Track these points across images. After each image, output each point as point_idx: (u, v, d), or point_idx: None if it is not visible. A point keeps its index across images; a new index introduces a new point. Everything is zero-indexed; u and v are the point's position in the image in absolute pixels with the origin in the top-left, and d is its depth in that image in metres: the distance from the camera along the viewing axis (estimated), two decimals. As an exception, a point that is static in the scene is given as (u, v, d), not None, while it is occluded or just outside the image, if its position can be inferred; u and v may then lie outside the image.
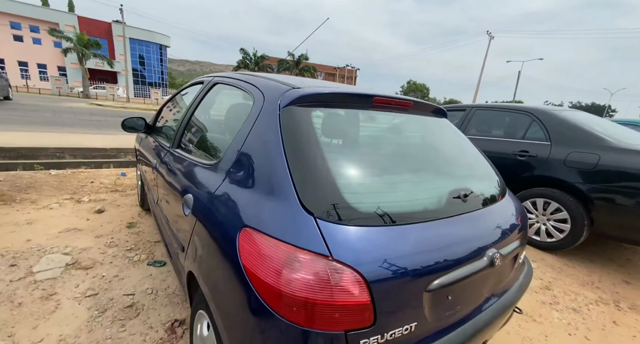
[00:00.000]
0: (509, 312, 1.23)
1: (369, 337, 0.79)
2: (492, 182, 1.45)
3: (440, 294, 0.93)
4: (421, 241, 0.92)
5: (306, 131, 1.00)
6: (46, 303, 1.71)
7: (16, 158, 4.29)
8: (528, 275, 1.43)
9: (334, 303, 0.75)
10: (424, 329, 0.91)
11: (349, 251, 0.79)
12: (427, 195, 1.14)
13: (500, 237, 1.15)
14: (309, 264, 0.76)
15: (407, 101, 1.37)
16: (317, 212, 0.83)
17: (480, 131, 3.82)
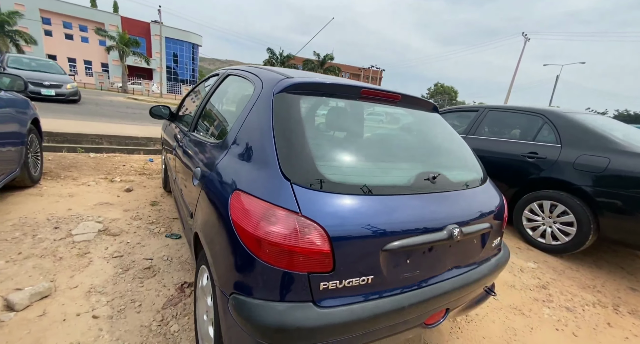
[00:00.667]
0: (473, 288, 1.34)
1: (328, 280, 0.95)
2: (469, 171, 1.56)
3: (398, 256, 1.08)
4: (381, 209, 1.07)
5: (293, 113, 1.18)
6: (81, 259, 2.01)
7: (62, 142, 4.83)
8: (501, 260, 1.52)
9: (299, 249, 0.92)
10: (381, 283, 1.05)
11: (315, 210, 0.96)
12: (396, 174, 1.28)
13: (464, 217, 1.26)
14: (282, 218, 0.94)
15: (395, 94, 1.51)
16: (293, 179, 1.00)
17: (491, 131, 3.81)
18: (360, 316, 0.99)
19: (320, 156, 1.12)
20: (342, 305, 0.98)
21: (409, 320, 1.14)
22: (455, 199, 1.31)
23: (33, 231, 2.24)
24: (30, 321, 1.47)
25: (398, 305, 1.07)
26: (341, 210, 1.00)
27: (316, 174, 1.04)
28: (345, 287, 0.99)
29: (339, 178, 1.07)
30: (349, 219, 0.99)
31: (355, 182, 1.09)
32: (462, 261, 1.31)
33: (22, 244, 2.06)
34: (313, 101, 1.31)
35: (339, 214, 0.98)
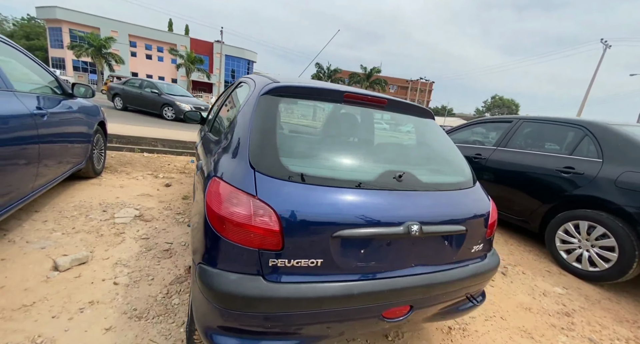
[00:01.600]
0: (443, 290, 1.32)
1: (277, 258, 1.06)
2: (450, 174, 1.56)
3: (351, 245, 1.14)
4: (334, 199, 1.14)
5: (269, 112, 1.33)
6: (117, 237, 2.38)
7: (125, 143, 5.65)
8: (483, 267, 1.46)
9: (252, 227, 1.05)
10: (331, 268, 1.12)
11: (270, 194, 1.08)
12: (360, 170, 1.35)
13: (429, 216, 1.27)
14: (241, 200, 1.08)
15: (381, 99, 1.58)
16: (257, 168, 1.15)
17: (525, 144, 3.55)
18: (305, 294, 1.07)
19: (285, 149, 1.25)
20: (289, 282, 1.07)
21: (363, 309, 1.18)
22: (422, 199, 1.33)
23: (87, 212, 2.71)
24: (68, 280, 1.81)
25: (346, 291, 1.12)
26: (294, 196, 1.11)
27: (277, 164, 1.17)
28: (294, 266, 1.08)
29: (299, 169, 1.18)
30: (301, 204, 1.09)
31: (314, 174, 1.19)
32: (428, 261, 1.31)
33: (77, 222, 2.51)
34: (294, 102, 1.46)
35: (291, 200, 1.09)
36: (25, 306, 1.54)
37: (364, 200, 1.19)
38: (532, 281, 2.62)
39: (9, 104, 1.90)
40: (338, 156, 1.42)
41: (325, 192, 1.15)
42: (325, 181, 1.18)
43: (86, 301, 1.64)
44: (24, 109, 2.00)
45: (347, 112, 1.71)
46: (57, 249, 2.09)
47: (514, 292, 2.42)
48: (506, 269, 2.78)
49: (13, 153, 1.88)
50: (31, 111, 2.08)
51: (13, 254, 1.96)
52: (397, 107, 1.71)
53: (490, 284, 2.49)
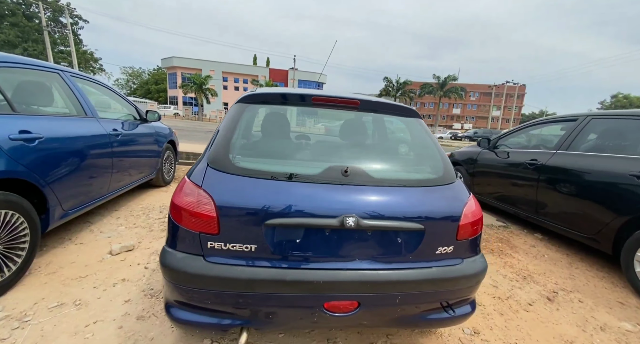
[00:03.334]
0: (397, 289, 1.25)
1: (215, 241, 1.21)
2: (416, 172, 1.47)
3: (284, 233, 1.22)
4: (269, 190, 1.24)
5: (234, 117, 1.52)
6: (162, 232, 2.89)
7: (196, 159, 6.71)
8: (453, 272, 1.32)
9: (194, 213, 1.23)
10: (266, 254, 1.21)
11: (212, 185, 1.25)
12: (304, 165, 1.41)
13: (372, 211, 1.24)
14: (189, 190, 1.27)
15: (353, 100, 1.62)
16: (210, 164, 1.34)
17: (594, 145, 2.91)
18: (237, 275, 1.19)
19: (238, 147, 1.42)
20: (224, 263, 1.21)
21: (299, 297, 1.22)
22: (368, 194, 1.31)
23: (149, 212, 3.36)
24: (115, 261, 2.30)
25: (279, 277, 1.19)
26: (233, 187, 1.25)
27: (226, 160, 1.34)
28: (230, 250, 1.22)
29: (245, 164, 1.33)
30: (237, 194, 1.23)
31: (256, 168, 1.32)
32: (375, 256, 1.27)
33: (139, 219, 3.15)
34: (261, 108, 1.62)
35: (229, 190, 1.24)
36: (80, 277, 2.04)
37: (298, 192, 1.26)
38: (590, 312, 2.09)
39: (93, 127, 2.59)
40: (285, 153, 1.52)
41: (261, 184, 1.27)
42: (265, 174, 1.30)
43: (120, 279, 2.07)
44: (102, 130, 2.70)
45: (313, 114, 1.80)
46: (117, 238, 2.67)
47: (556, 321, 1.99)
48: (555, 295, 2.29)
49: (93, 164, 2.54)
50: (108, 131, 2.77)
51: (89, 239, 2.60)
52: (373, 108, 1.72)
53: (525, 309, 2.10)
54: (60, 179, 2.14)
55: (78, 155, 2.36)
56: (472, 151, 4.59)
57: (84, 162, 2.43)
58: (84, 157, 2.42)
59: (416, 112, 1.73)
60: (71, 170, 2.28)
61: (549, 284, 2.44)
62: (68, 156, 2.26)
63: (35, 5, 32.39)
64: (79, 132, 2.43)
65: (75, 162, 2.33)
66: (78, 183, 2.38)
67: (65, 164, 2.23)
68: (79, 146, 2.38)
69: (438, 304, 1.37)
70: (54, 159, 2.11)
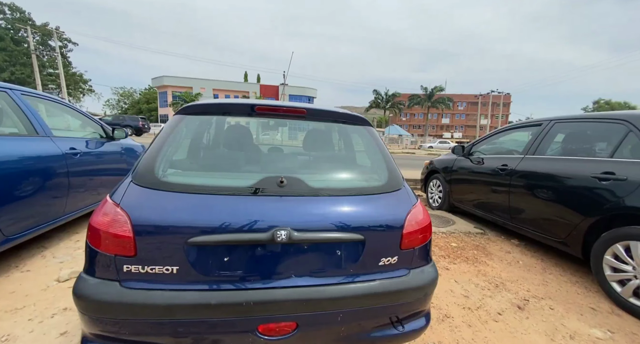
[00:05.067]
0: (337, 306, 1.17)
1: (131, 264, 1.11)
2: (358, 180, 1.43)
3: (210, 252, 1.13)
4: (192, 206, 1.16)
5: (166, 129, 1.46)
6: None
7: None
8: (400, 284, 1.25)
9: (109, 234, 1.12)
10: (189, 276, 1.11)
11: (130, 202, 1.16)
12: (234, 178, 1.34)
13: (307, 223, 1.17)
14: (108, 209, 1.18)
15: (300, 109, 1.58)
16: (134, 179, 1.26)
17: (559, 149, 2.92)
18: (156, 301, 1.08)
19: (165, 161, 1.33)
20: (142, 289, 1.11)
21: (229, 322, 1.12)
22: (304, 205, 1.24)
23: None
24: (61, 289, 2.14)
25: (202, 300, 1.09)
26: (151, 203, 1.17)
27: (150, 175, 1.25)
28: (149, 273, 1.12)
29: (168, 179, 1.25)
30: (155, 211, 1.14)
31: (179, 181, 1.24)
32: (313, 272, 1.19)
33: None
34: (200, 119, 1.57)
35: (147, 207, 1.15)
36: (16, 309, 1.88)
37: (225, 206, 1.18)
38: (560, 320, 2.01)
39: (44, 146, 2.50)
40: (217, 165, 1.46)
41: (183, 198, 1.19)
42: (191, 188, 1.22)
43: (62, 308, 1.92)
44: (57, 150, 2.60)
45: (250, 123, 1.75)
46: (70, 263, 2.52)
47: (525, 330, 1.90)
48: (526, 303, 2.20)
49: (43, 185, 2.42)
50: (63, 151, 2.67)
51: (39, 266, 2.44)
52: (321, 117, 1.68)
53: (494, 319, 2.01)
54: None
55: (24, 176, 2.25)
56: (449, 159, 4.58)
57: (32, 183, 2.32)
58: (31, 178, 2.31)
59: (365, 119, 1.69)
60: (14, 192, 2.17)
61: (520, 292, 2.36)
62: (10, 177, 2.15)
63: (23, 30, 32.59)
64: (26, 152, 2.33)
65: (19, 183, 2.21)
66: (24, 206, 2.26)
67: (7, 186, 2.11)
68: (25, 167, 2.27)
69: (386, 319, 1.28)
70: (-7, 182, 2.00)
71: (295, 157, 1.65)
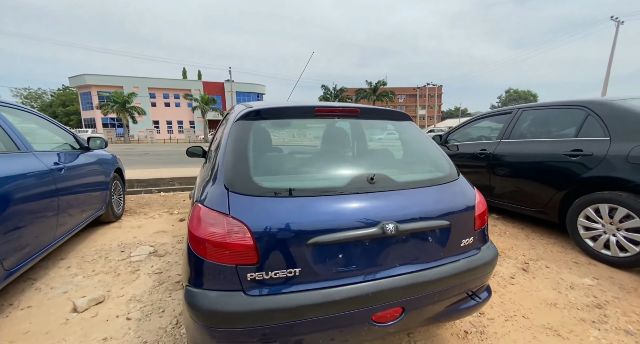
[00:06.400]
0: (435, 287, 1.29)
1: (254, 272, 1.10)
2: (427, 171, 1.56)
3: (327, 251, 1.16)
4: (305, 208, 1.19)
5: (241, 136, 1.43)
6: (132, 275, 2.51)
7: (145, 186, 6.02)
8: (477, 261, 1.42)
9: (227, 244, 1.11)
10: (310, 276, 1.14)
11: (242, 211, 1.15)
12: (331, 178, 1.39)
13: (405, 214, 1.28)
14: (216, 219, 1.15)
15: (353, 109, 1.65)
16: (231, 188, 1.23)
17: (529, 132, 3.43)
18: (286, 305, 1.09)
19: (258, 168, 1.33)
20: (268, 294, 1.11)
21: (349, 315, 1.18)
22: (397, 198, 1.34)
23: (106, 254, 2.89)
24: (85, 319, 1.92)
25: (328, 298, 1.13)
26: (266, 210, 1.16)
27: (249, 182, 1.24)
28: (272, 278, 1.12)
29: (270, 185, 1.25)
30: (272, 217, 1.15)
31: (284, 186, 1.25)
32: (413, 259, 1.30)
33: (97, 264, 2.68)
34: (266, 124, 1.55)
35: (263, 214, 1.15)
36: (46, 348, 1.65)
37: (334, 205, 1.23)
38: (557, 275, 2.44)
39: (29, 163, 2.14)
40: (308, 168, 1.48)
41: (295, 203, 1.21)
42: (295, 192, 1.24)
43: (100, 339, 1.73)
44: (42, 166, 2.25)
45: (319, 125, 1.78)
46: (77, 291, 2.23)
47: (536, 288, 2.26)
48: (527, 265, 2.61)
49: (34, 207, 2.09)
50: (49, 167, 2.32)
51: (38, 300, 2.12)
52: (371, 114, 1.77)
53: (510, 282, 2.35)
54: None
55: (13, 199, 1.92)
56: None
57: (23, 206, 1.99)
58: (21, 200, 1.98)
59: (407, 115, 1.83)
60: (9, 218, 1.85)
61: (519, 257, 2.78)
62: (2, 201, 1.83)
63: None
64: (12, 171, 1.98)
65: (11, 207, 1.89)
66: (19, 232, 1.94)
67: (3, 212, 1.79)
68: (13, 188, 1.94)
69: (464, 294, 1.46)
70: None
71: (366, 154, 1.71)
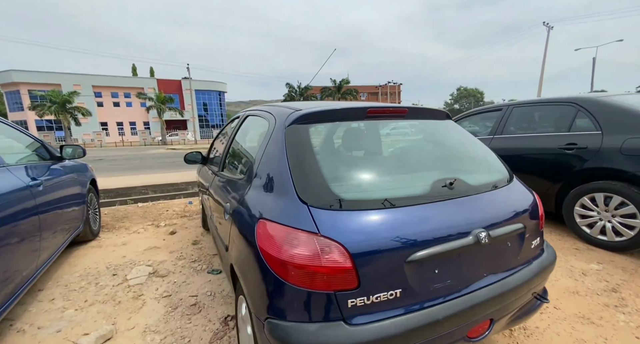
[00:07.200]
0: (516, 294, 1.25)
1: (355, 297, 0.97)
2: (490, 172, 1.52)
3: (425, 266, 1.07)
4: (400, 221, 1.08)
5: (303, 142, 1.27)
6: (136, 301, 2.18)
7: (115, 197, 5.39)
8: (545, 261, 1.42)
9: (323, 268, 0.96)
10: (412, 297, 1.04)
11: (333, 229, 1.00)
12: (411, 185, 1.29)
13: (491, 219, 1.22)
14: (303, 240, 1.00)
15: (402, 109, 1.57)
16: (309, 202, 1.07)
17: (520, 128, 3.64)
18: (393, 331, 0.98)
19: (334, 177, 1.18)
20: (372, 322, 0.98)
21: (448, 334, 1.10)
22: (478, 203, 1.28)
23: (95, 279, 2.49)
24: (97, 362, 1.61)
25: (432, 318, 1.04)
26: (359, 226, 1.03)
27: (330, 194, 1.10)
28: (374, 303, 0.99)
29: (354, 195, 1.12)
30: (368, 234, 1.02)
31: (371, 197, 1.13)
32: (498, 267, 1.25)
33: (88, 293, 2.30)
34: (322, 127, 1.41)
35: (357, 230, 1.02)
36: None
37: (427, 215, 1.14)
38: (567, 262, 2.60)
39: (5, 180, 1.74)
40: (387, 174, 1.37)
41: (388, 214, 1.09)
42: (384, 202, 1.12)
43: (126, 384, 1.46)
44: (19, 182, 1.85)
45: (372, 127, 1.67)
46: (74, 329, 1.88)
47: (555, 278, 2.38)
48: (538, 255, 2.75)
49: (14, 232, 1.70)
50: (26, 183, 1.92)
51: (26, 345, 1.74)
52: (416, 114, 1.69)
53: (530, 274, 2.44)
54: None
55: (-3, 224, 1.55)
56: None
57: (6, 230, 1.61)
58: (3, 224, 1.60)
59: (448, 113, 1.79)
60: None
61: (527, 248, 2.92)
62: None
63: None
64: (-12, 190, 1.59)
65: None
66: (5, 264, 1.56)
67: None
68: (-7, 211, 1.56)
69: (531, 296, 1.45)
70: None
71: (431, 157, 1.62)
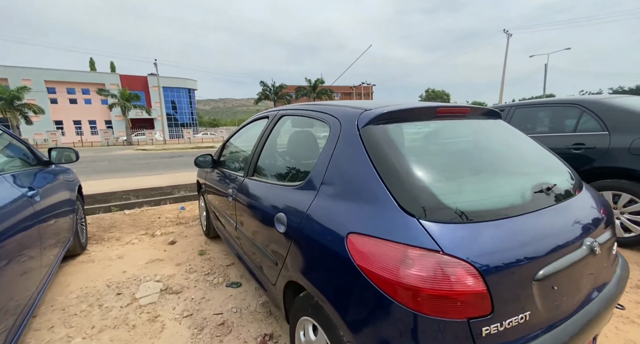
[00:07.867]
0: (613, 306, 1.21)
1: (490, 324, 0.85)
2: (567, 175, 1.47)
3: (547, 283, 0.97)
4: (520, 233, 0.98)
5: (388, 144, 1.14)
6: (154, 324, 1.91)
7: (93, 203, 4.85)
8: (625, 268, 1.39)
9: (454, 293, 0.83)
10: (538, 319, 0.94)
11: (458, 246, 0.88)
12: (511, 191, 1.20)
13: (592, 227, 1.17)
14: (424, 260, 0.86)
15: (465, 108, 1.49)
16: (417, 214, 0.94)
17: (524, 129, 3.74)
18: None
19: (438, 187, 1.06)
20: None
21: None
22: (573, 209, 1.22)
23: (97, 300, 2.16)
24: (128, 405, 1.35)
25: (561, 341, 0.95)
26: (483, 241, 0.92)
27: (438, 204, 0.97)
28: (507, 329, 0.88)
29: (469, 205, 1.00)
30: (496, 250, 0.91)
31: (486, 207, 1.02)
32: (600, 278, 1.19)
33: (92, 317, 1.98)
34: (399, 128, 1.27)
35: (483, 247, 0.90)
36: None
37: (541, 225, 1.05)
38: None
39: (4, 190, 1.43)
40: (487, 180, 1.26)
41: (508, 226, 0.99)
42: (496, 213, 1.01)
43: None
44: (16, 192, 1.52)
45: (448, 127, 1.56)
46: (88, 364, 1.59)
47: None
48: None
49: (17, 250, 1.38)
50: (23, 192, 1.59)
51: (31, 390, 1.43)
52: (476, 114, 1.62)
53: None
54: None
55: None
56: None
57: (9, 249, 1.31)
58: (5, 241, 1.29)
59: (499, 112, 1.73)
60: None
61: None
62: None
63: None
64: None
65: None
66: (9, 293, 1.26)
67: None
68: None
69: None
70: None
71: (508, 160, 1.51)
